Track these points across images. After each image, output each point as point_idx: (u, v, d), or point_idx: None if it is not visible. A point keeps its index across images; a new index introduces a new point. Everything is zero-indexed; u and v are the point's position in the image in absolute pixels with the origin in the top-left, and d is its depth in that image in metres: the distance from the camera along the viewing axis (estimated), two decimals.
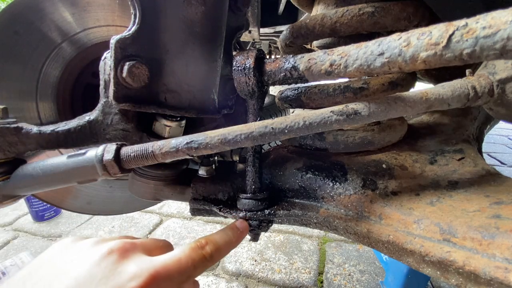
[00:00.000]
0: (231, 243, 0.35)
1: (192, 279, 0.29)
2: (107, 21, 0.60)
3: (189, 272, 0.28)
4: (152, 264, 0.27)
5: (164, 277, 0.26)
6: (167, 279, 0.26)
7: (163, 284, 0.26)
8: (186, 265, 0.28)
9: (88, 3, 0.57)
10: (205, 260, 0.30)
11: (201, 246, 0.31)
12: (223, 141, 0.34)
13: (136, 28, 0.38)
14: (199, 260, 0.29)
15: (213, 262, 0.31)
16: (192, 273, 0.29)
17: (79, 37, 0.59)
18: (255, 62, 0.38)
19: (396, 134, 0.54)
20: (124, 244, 0.28)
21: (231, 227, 0.37)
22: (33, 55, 0.56)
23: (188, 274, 0.28)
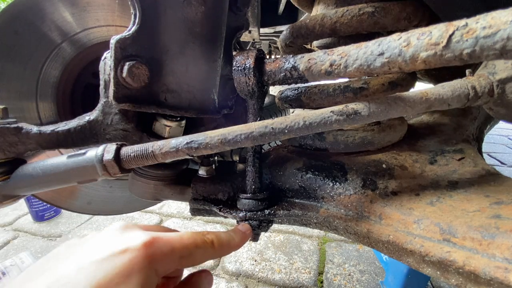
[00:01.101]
0: (234, 242, 0.35)
1: (194, 259, 0.29)
2: (107, 21, 0.60)
3: (191, 248, 0.29)
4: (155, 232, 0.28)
5: (165, 242, 0.27)
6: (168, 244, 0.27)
7: (164, 248, 0.27)
8: (187, 241, 0.29)
9: (88, 3, 0.57)
10: (206, 244, 0.31)
11: (203, 233, 0.32)
12: (223, 141, 0.34)
13: (136, 28, 0.38)
14: (201, 242, 0.30)
15: (217, 252, 0.32)
16: (193, 251, 0.29)
17: (79, 37, 0.59)
18: (255, 62, 0.38)
19: (396, 134, 0.54)
20: (129, 223, 0.30)
21: (234, 230, 0.38)
22: (33, 55, 0.56)
23: (190, 250, 0.29)
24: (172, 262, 0.27)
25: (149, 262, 0.25)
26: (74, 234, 1.36)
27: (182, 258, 0.28)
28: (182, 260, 0.28)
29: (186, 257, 0.28)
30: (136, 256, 0.25)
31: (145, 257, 0.25)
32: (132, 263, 0.24)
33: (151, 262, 0.25)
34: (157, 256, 0.26)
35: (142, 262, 0.25)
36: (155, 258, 0.26)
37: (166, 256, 0.27)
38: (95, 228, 1.41)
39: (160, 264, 0.26)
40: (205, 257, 0.31)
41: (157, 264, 0.26)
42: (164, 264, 0.27)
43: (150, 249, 0.25)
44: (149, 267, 0.25)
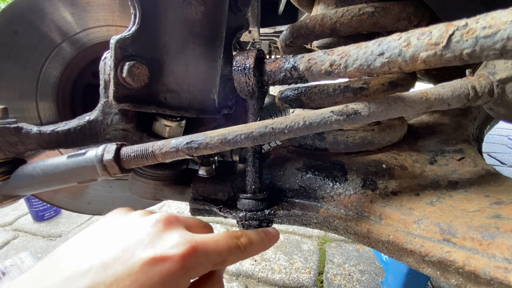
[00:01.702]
0: (263, 243, 0.35)
1: (225, 264, 0.29)
2: (107, 21, 0.60)
3: (224, 255, 0.29)
4: (193, 238, 0.28)
5: (202, 252, 0.27)
6: (205, 255, 0.27)
7: (201, 258, 0.27)
8: (222, 247, 0.29)
9: (88, 3, 0.57)
10: (239, 249, 0.31)
11: (236, 236, 0.31)
12: (223, 141, 0.34)
13: (136, 28, 0.38)
14: (234, 247, 0.30)
15: (245, 255, 0.32)
16: (226, 257, 0.29)
17: (79, 37, 0.59)
18: (255, 62, 0.38)
19: (396, 134, 0.54)
20: (169, 216, 0.30)
21: (264, 230, 0.38)
22: (33, 55, 0.56)
23: (223, 257, 0.29)
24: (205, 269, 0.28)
25: (186, 273, 0.25)
26: (74, 234, 1.36)
27: (215, 265, 0.28)
28: (214, 266, 0.28)
29: (219, 264, 0.29)
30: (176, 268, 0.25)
31: (182, 268, 0.25)
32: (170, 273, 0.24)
33: (188, 272, 0.25)
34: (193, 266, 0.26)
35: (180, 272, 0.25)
36: (190, 269, 0.26)
37: (202, 265, 0.27)
38: None
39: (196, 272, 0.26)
40: (235, 261, 0.31)
41: (193, 273, 0.26)
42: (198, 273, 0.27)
43: (189, 260, 0.26)
44: (185, 277, 0.25)
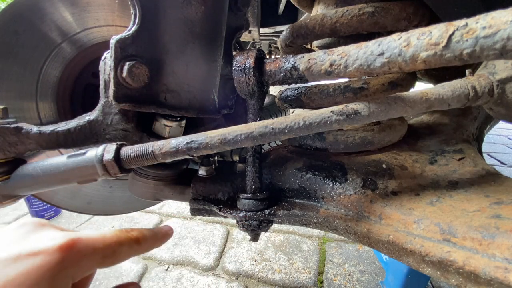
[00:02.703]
0: (156, 237, 0.33)
1: (117, 257, 0.27)
2: (107, 21, 0.60)
3: (114, 246, 0.27)
4: (74, 233, 0.25)
5: (85, 244, 0.24)
6: (89, 247, 0.25)
7: (85, 250, 0.24)
8: (110, 239, 0.27)
9: (88, 3, 0.57)
10: (131, 240, 0.29)
11: (127, 230, 0.30)
12: (223, 141, 0.34)
13: (136, 28, 0.38)
14: (125, 238, 0.28)
15: (139, 248, 0.30)
16: (117, 249, 0.27)
17: (79, 37, 0.59)
18: (255, 62, 0.38)
19: (396, 134, 0.54)
20: (41, 219, 0.28)
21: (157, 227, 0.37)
22: (33, 55, 0.56)
23: (113, 248, 0.27)
24: (93, 263, 0.25)
25: (64, 268, 0.22)
26: None
27: (105, 258, 0.26)
28: (105, 259, 0.26)
29: (110, 256, 0.26)
30: (50, 261, 0.22)
31: (59, 263, 0.22)
32: (43, 269, 0.21)
33: (67, 267, 0.23)
34: (75, 260, 0.23)
35: (56, 267, 0.22)
36: (72, 263, 0.23)
37: (87, 258, 0.24)
38: (95, 227, 1.41)
39: (78, 267, 0.24)
40: (129, 254, 0.29)
41: (73, 269, 0.23)
42: (83, 267, 0.24)
43: (67, 253, 0.23)
44: (63, 273, 0.22)
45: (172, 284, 1.05)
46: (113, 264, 0.27)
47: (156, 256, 1.20)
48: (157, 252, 1.23)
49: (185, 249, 1.24)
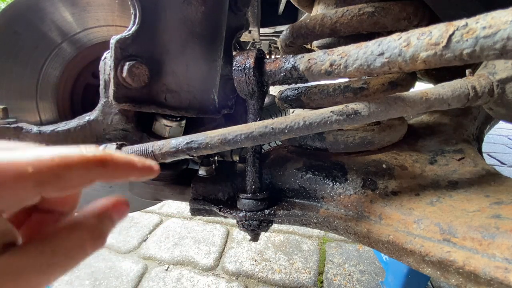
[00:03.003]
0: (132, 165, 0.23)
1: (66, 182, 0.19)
2: (107, 21, 0.60)
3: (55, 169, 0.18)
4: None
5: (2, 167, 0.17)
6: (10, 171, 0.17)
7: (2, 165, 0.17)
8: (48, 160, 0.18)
9: (88, 3, 0.57)
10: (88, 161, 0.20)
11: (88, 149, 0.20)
12: (223, 141, 0.34)
13: (136, 28, 0.38)
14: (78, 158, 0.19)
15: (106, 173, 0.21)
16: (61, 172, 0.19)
17: (79, 37, 0.59)
18: (255, 62, 0.38)
19: (396, 134, 0.54)
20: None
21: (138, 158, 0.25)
22: (33, 55, 0.56)
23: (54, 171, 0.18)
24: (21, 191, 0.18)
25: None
26: None
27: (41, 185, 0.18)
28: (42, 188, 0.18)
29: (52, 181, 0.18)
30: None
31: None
32: None
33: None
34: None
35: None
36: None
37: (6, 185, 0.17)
38: None
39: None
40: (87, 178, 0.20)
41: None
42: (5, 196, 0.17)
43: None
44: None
45: (172, 284, 1.05)
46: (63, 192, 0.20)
47: (156, 256, 1.20)
48: (157, 252, 1.23)
49: (185, 249, 1.24)
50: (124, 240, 1.32)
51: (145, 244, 1.29)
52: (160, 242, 1.30)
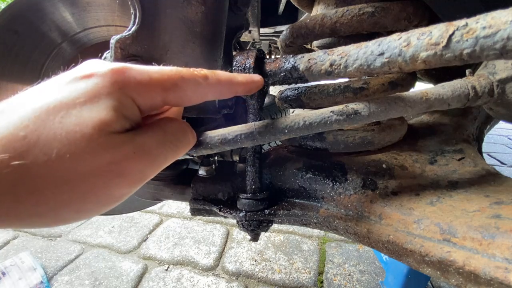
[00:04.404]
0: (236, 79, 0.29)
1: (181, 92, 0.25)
2: (107, 21, 0.60)
3: (174, 78, 0.24)
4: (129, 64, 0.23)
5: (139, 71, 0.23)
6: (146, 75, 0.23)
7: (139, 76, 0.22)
8: (169, 72, 0.24)
9: (88, 3, 0.57)
10: (196, 76, 0.25)
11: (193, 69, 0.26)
12: (223, 141, 0.34)
13: (136, 28, 0.38)
14: (188, 74, 0.25)
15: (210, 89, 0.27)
16: (179, 82, 0.24)
17: (79, 37, 0.59)
18: (255, 62, 0.38)
19: (396, 134, 0.54)
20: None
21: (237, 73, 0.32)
22: (33, 55, 0.56)
23: (174, 81, 0.24)
24: (153, 93, 0.23)
25: (120, 88, 0.21)
26: (74, 234, 1.36)
27: (167, 91, 0.24)
28: (167, 92, 0.24)
29: (172, 89, 0.24)
30: (103, 81, 0.21)
31: (114, 82, 0.21)
32: (98, 86, 0.21)
33: (123, 88, 0.21)
34: (131, 83, 0.22)
35: (111, 86, 0.21)
36: (127, 84, 0.22)
37: (143, 84, 0.22)
38: (95, 228, 1.41)
39: (136, 91, 0.22)
40: (197, 92, 0.26)
41: (131, 91, 0.22)
42: (143, 94, 0.23)
43: (120, 75, 0.22)
44: (121, 92, 0.21)
45: (172, 284, 1.05)
46: (180, 100, 0.25)
47: (156, 256, 1.20)
48: (157, 252, 1.23)
49: (185, 249, 1.24)
50: (124, 240, 1.32)
51: (145, 244, 1.29)
52: (160, 242, 1.30)
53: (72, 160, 0.18)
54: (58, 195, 0.18)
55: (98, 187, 0.20)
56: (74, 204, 0.19)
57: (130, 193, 0.23)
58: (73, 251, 1.24)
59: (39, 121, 0.18)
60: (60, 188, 0.18)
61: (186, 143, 0.27)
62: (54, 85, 0.21)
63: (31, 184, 0.17)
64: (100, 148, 0.19)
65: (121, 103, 0.21)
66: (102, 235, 1.35)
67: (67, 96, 0.20)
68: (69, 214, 0.20)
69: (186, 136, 0.27)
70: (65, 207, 0.19)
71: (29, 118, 0.18)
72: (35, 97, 0.20)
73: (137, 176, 0.22)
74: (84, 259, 1.19)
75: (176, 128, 0.26)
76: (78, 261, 1.18)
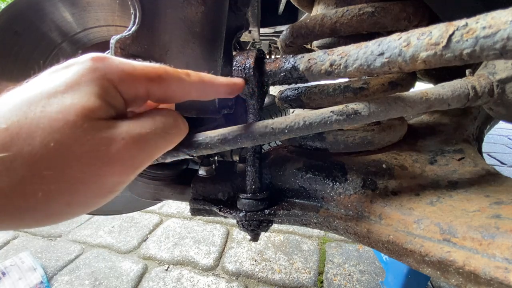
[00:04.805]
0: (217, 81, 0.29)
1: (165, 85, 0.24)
2: (107, 21, 0.60)
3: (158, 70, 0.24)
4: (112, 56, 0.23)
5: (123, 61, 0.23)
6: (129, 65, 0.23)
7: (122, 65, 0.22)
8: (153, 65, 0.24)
9: (88, 3, 0.57)
10: (179, 73, 0.25)
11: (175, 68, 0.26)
12: (223, 141, 0.34)
13: (136, 28, 0.38)
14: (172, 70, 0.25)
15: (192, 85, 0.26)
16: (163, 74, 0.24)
17: (79, 37, 0.59)
18: (255, 62, 0.38)
19: (396, 134, 0.54)
20: None
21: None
22: (33, 55, 0.56)
23: (158, 73, 0.24)
24: (137, 82, 0.23)
25: (102, 75, 0.21)
26: (74, 234, 1.36)
27: (151, 82, 0.23)
28: (152, 84, 0.24)
29: (157, 81, 0.24)
30: (84, 68, 0.21)
31: (95, 69, 0.21)
32: (79, 74, 0.20)
33: (104, 74, 0.21)
34: (113, 69, 0.22)
35: (92, 73, 0.21)
36: (109, 72, 0.21)
37: (126, 73, 0.22)
38: (95, 228, 1.41)
39: (119, 79, 0.22)
40: (181, 87, 0.26)
41: (114, 79, 0.22)
42: (126, 82, 0.22)
43: (101, 62, 0.21)
44: (103, 78, 0.21)
45: (172, 284, 1.05)
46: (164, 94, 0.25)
47: (156, 256, 1.20)
48: (157, 252, 1.23)
49: (185, 249, 1.24)
50: (124, 240, 1.32)
51: (145, 244, 1.29)
52: (160, 242, 1.30)
53: (56, 148, 0.18)
54: (45, 185, 0.18)
55: (86, 175, 0.19)
56: (63, 195, 0.19)
57: (123, 183, 0.22)
58: (73, 251, 1.24)
59: (20, 113, 0.18)
60: (46, 178, 0.18)
61: (177, 130, 0.26)
62: (36, 79, 0.21)
63: (16, 177, 0.17)
64: (86, 134, 0.19)
65: (104, 89, 0.21)
66: (102, 235, 1.35)
67: (48, 85, 0.20)
68: (61, 208, 0.19)
69: (177, 124, 0.26)
70: (54, 198, 0.18)
71: (11, 111, 0.18)
72: (18, 92, 0.20)
73: (128, 163, 0.21)
74: (84, 259, 1.19)
75: (165, 115, 0.25)
76: (78, 261, 1.18)
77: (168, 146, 0.26)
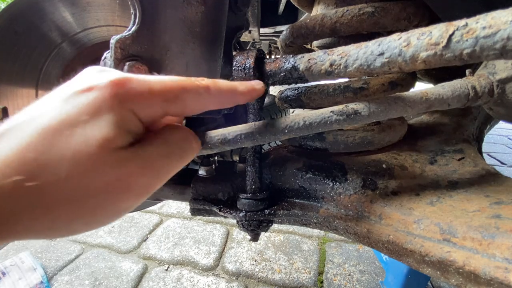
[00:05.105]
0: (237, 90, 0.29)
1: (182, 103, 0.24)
2: (107, 21, 0.60)
3: (175, 90, 0.24)
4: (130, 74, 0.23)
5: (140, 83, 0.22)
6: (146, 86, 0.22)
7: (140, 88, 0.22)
8: (171, 83, 0.24)
9: (88, 3, 0.57)
10: (198, 87, 0.25)
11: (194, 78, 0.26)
12: (223, 141, 0.34)
13: (136, 28, 0.38)
14: (190, 85, 0.25)
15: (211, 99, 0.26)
16: (179, 94, 0.24)
17: (79, 37, 0.59)
18: (255, 62, 0.38)
19: (396, 134, 0.54)
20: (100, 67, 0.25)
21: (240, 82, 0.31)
22: (33, 55, 0.56)
23: (175, 93, 0.24)
24: (154, 105, 0.23)
25: (120, 101, 0.21)
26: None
27: (167, 102, 0.23)
28: (168, 104, 0.24)
29: (172, 101, 0.24)
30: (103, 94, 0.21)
31: (114, 96, 0.21)
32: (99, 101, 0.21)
33: (123, 101, 0.21)
34: (130, 95, 0.22)
35: (111, 100, 0.21)
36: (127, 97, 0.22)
37: (143, 96, 0.22)
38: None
39: (136, 104, 0.22)
40: (198, 102, 0.26)
41: (132, 104, 0.22)
42: (142, 105, 0.22)
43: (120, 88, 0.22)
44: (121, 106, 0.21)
45: (172, 284, 1.06)
46: (181, 111, 0.25)
47: (156, 256, 1.20)
48: (157, 252, 1.23)
49: (185, 249, 1.24)
50: (124, 240, 1.32)
51: (145, 244, 1.29)
52: (160, 242, 1.30)
53: (80, 179, 0.19)
54: (70, 211, 0.20)
55: (106, 202, 0.21)
56: (84, 218, 0.21)
57: (136, 205, 0.24)
58: (73, 251, 1.24)
59: (46, 142, 0.19)
60: (71, 205, 0.20)
61: (190, 151, 0.27)
62: (55, 101, 0.21)
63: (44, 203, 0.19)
64: (106, 166, 0.20)
65: (123, 117, 0.22)
66: (102, 235, 1.35)
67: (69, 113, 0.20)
68: (80, 226, 0.21)
69: (190, 145, 0.27)
70: (76, 221, 0.21)
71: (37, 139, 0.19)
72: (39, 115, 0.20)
73: (143, 189, 0.23)
74: (84, 259, 1.19)
75: (179, 137, 0.26)
76: (78, 261, 1.18)
77: (181, 166, 0.26)
